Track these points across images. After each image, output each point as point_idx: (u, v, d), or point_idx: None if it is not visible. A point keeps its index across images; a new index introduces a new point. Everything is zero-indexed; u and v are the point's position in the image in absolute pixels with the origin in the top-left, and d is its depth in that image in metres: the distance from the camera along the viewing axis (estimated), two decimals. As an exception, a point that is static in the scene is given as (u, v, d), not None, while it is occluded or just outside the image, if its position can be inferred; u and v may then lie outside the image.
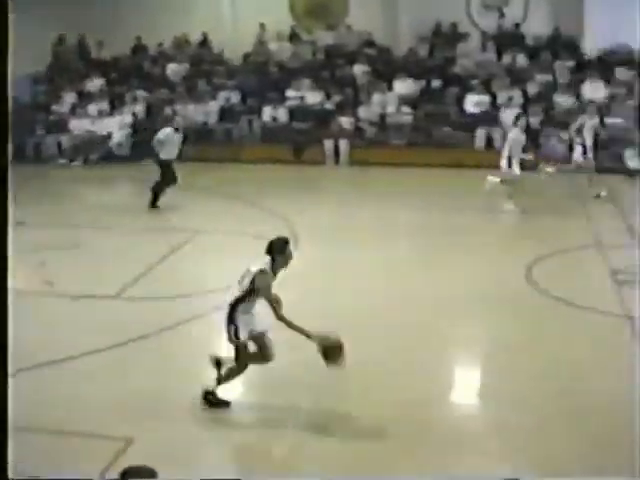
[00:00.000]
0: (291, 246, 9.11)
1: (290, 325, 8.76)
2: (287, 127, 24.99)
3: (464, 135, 24.25)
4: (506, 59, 26.76)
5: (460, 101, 25.20)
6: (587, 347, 11.15)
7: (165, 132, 18.52)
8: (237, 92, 26.35)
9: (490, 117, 24.36)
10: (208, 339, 11.22)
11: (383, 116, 24.98)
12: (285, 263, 9.05)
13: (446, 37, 27.80)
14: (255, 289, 8.90)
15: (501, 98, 24.87)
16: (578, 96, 24.83)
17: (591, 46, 26.56)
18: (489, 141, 24.05)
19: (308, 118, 25.09)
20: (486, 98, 24.90)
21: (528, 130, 22.54)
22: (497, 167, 18.48)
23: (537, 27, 27.31)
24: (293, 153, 23.87)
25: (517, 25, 27.50)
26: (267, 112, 25.37)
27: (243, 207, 18.33)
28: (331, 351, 8.89)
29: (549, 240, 16.30)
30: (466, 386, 10.59)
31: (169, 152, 18.40)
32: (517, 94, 24.92)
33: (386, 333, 11.38)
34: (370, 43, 27.82)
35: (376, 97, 25.33)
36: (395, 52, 27.68)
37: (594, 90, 24.74)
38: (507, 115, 24.12)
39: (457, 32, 27.78)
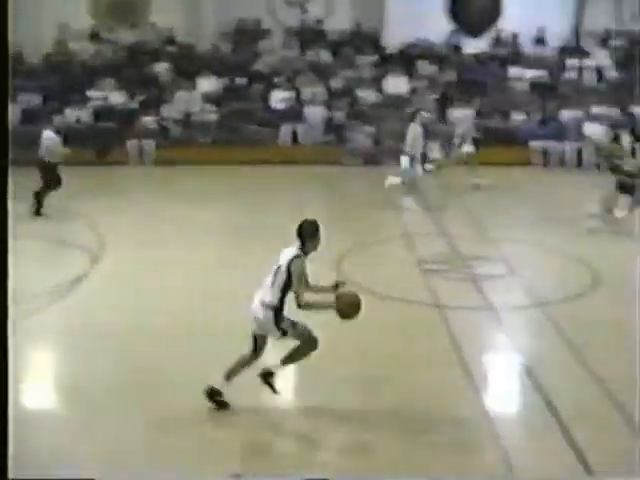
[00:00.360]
0: (99, 250, 8.85)
1: (314, 307, 8.73)
2: (91, 128, 24.37)
3: (270, 132, 24.24)
4: (310, 55, 26.93)
5: (265, 98, 25.20)
6: (400, 337, 11.24)
7: (49, 136, 17.73)
8: (38, 93, 25.51)
9: (295, 113, 24.45)
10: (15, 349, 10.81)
11: (188, 114, 24.72)
12: (315, 247, 8.86)
13: (249, 34, 27.75)
14: (290, 275, 8.67)
15: (306, 94, 25.01)
16: (381, 90, 25.24)
17: (392, 40, 27.03)
18: (294, 137, 24.14)
19: (112, 118, 24.56)
20: (291, 94, 24.98)
21: (331, 124, 22.79)
22: (303, 162, 18.47)
23: (339, 22, 27.58)
24: (96, 154, 23.22)
25: (319, 21, 27.71)
26: (70, 113, 24.70)
27: (48, 210, 17.72)
28: (345, 305, 8.77)
29: (359, 233, 16.44)
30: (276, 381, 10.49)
31: (54, 155, 17.62)
32: (321, 90, 25.11)
33: (186, 332, 11.18)
34: (172, 41, 27.50)
35: (180, 95, 25.04)
36: (198, 49, 27.44)
37: (397, 84, 25.20)
38: (310, 111, 24.29)
39: (260, 29, 27.78)
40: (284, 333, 8.83)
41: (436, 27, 27.04)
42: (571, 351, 10.74)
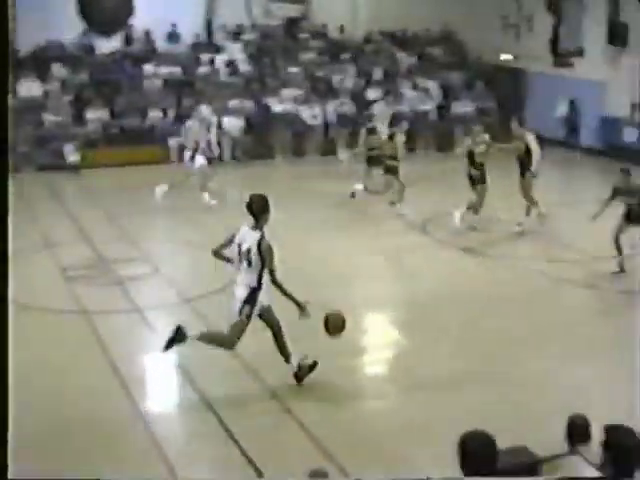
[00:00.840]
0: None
1: (285, 292, 9.20)
2: None
3: None
4: None
5: None
6: (44, 346, 10.85)
7: None
8: None
9: None
10: None
11: None
12: (266, 220, 9.20)
13: None
14: (262, 257, 9.04)
15: None
16: (14, 95, 24.28)
17: (25, 43, 26.02)
18: None
19: None
20: None
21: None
22: None
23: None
24: None
25: None
26: None
27: None
28: (334, 322, 9.45)
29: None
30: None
31: None
32: None
33: None
34: None
35: None
36: None
37: (30, 88, 24.34)
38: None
39: None
40: (240, 312, 9.26)
41: (68, 28, 26.33)
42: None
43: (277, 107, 24.41)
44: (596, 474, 5.36)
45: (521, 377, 10.16)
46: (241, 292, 9.27)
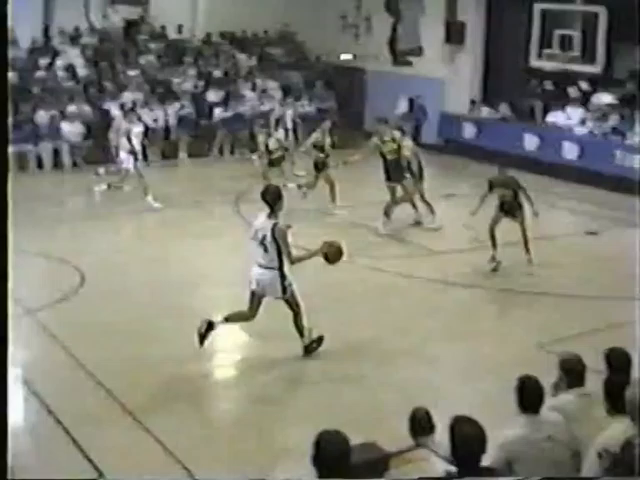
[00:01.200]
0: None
1: (303, 259, 10.08)
2: None
3: None
4: None
5: None
6: None
7: None
8: None
9: None
10: None
11: None
12: (281, 208, 9.91)
13: None
14: (278, 242, 9.76)
15: None
16: None
17: None
18: None
19: None
20: None
21: None
22: None
23: None
24: None
25: None
26: None
27: None
28: (332, 253, 10.11)
29: None
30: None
31: None
32: None
33: None
34: None
35: None
36: None
37: None
38: None
39: None
40: (285, 291, 10.07)
41: None
42: (65, 354, 10.63)
43: (117, 111, 23.99)
44: (444, 465, 5.44)
45: (369, 374, 10.27)
46: (269, 274, 10.01)
